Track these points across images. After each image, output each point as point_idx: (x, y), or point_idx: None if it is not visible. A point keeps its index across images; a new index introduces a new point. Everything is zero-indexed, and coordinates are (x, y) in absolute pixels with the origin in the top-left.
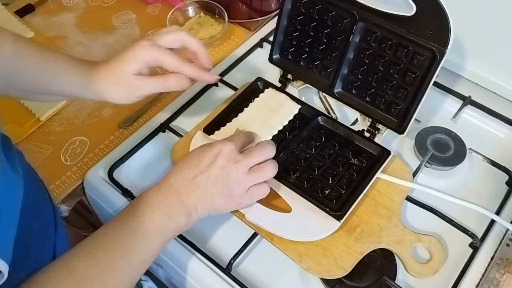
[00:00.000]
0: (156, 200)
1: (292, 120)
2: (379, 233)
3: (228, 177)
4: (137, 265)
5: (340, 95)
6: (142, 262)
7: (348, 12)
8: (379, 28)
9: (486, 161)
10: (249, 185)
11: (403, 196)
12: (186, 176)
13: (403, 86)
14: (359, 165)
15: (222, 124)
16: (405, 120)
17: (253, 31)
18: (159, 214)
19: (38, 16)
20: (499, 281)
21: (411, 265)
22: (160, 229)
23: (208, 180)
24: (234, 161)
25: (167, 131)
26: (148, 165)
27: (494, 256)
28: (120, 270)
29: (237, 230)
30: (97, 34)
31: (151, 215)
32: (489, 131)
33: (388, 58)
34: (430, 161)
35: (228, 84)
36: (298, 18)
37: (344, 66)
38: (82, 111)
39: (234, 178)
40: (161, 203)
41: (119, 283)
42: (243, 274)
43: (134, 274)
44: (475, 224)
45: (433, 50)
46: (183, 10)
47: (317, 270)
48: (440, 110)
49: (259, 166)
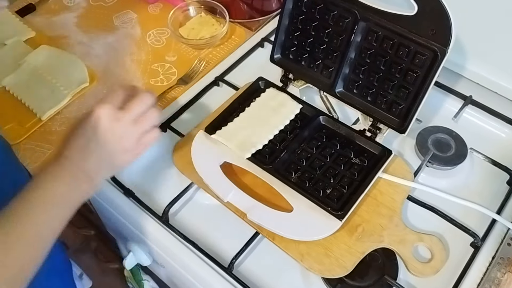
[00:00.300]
0: (57, 172)
1: (293, 120)
2: (381, 232)
3: (115, 136)
4: (46, 234)
5: (342, 95)
6: (51, 230)
7: (349, 11)
8: (380, 28)
9: (487, 160)
10: (137, 135)
11: (404, 195)
12: (76, 147)
13: (405, 85)
14: (361, 164)
15: (224, 124)
16: (406, 120)
17: (254, 30)
18: (63, 184)
19: (39, 16)
20: (500, 280)
21: (412, 264)
22: (64, 198)
23: (98, 144)
24: (116, 119)
25: (168, 131)
26: (150, 165)
27: (495, 256)
28: (28, 239)
29: (239, 230)
30: (98, 34)
31: (55, 186)
32: (490, 130)
33: (390, 57)
34: (431, 161)
35: (229, 83)
36: (299, 17)
37: (345, 66)
38: (84, 110)
39: (120, 134)
40: (62, 174)
41: (26, 251)
42: (244, 273)
43: (43, 244)
44: (476, 223)
45: (434, 50)
46: (184, 10)
47: (318, 270)
48: (441, 109)
49: (143, 115)
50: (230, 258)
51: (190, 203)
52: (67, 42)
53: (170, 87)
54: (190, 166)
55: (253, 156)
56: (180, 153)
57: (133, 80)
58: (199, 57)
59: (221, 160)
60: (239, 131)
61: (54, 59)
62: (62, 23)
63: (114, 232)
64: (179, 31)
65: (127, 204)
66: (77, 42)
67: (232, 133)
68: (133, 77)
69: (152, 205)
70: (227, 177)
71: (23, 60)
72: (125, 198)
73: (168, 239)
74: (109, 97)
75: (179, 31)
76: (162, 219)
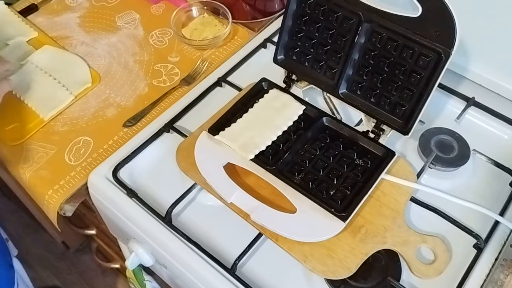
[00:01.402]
0: None
1: (296, 121)
2: (384, 233)
3: None
4: None
5: (345, 96)
6: None
7: (353, 13)
8: (384, 29)
9: (490, 162)
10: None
11: (407, 197)
12: None
13: (408, 87)
14: (364, 166)
15: (227, 125)
16: (410, 121)
17: (256, 31)
18: None
19: (42, 16)
20: (503, 282)
21: (415, 265)
22: None
23: None
24: None
25: (171, 131)
26: (153, 165)
27: (498, 257)
28: None
29: (242, 231)
30: (101, 34)
31: None
32: (493, 132)
33: (394, 59)
34: (434, 162)
35: (232, 84)
36: (303, 18)
37: (349, 67)
38: (86, 111)
39: None
40: None
41: None
42: (247, 274)
43: None
44: (479, 225)
45: (438, 51)
46: (187, 11)
47: (322, 271)
48: (444, 111)
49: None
50: (233, 259)
51: (193, 204)
52: (69, 42)
53: (173, 88)
54: (193, 167)
55: (256, 157)
56: (183, 153)
57: (135, 80)
58: (202, 58)
59: (224, 161)
60: (242, 132)
61: (56, 59)
62: (64, 23)
63: (116, 232)
64: (182, 31)
65: (130, 205)
66: (79, 42)
67: (235, 134)
68: (135, 78)
69: (155, 205)
70: (231, 178)
71: (25, 60)
72: (128, 198)
73: (171, 239)
74: None
75: (182, 31)
76: (165, 220)
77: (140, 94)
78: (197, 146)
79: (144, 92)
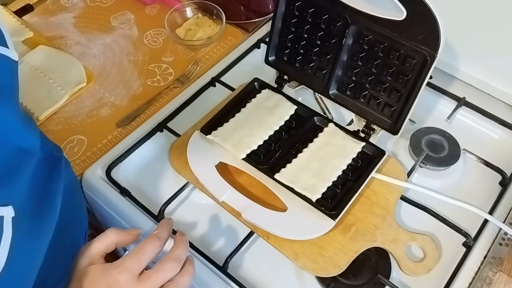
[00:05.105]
0: None
1: (288, 121)
2: (374, 232)
3: None
4: None
5: (335, 96)
6: None
7: (340, 15)
8: (371, 32)
9: (480, 161)
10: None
11: (397, 195)
12: None
13: (396, 88)
14: (354, 164)
15: (219, 124)
16: (398, 121)
17: (250, 32)
18: None
19: (37, 16)
20: (491, 279)
21: (405, 263)
22: None
23: None
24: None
25: (164, 131)
26: (146, 164)
27: (487, 255)
28: None
29: (233, 229)
30: (96, 34)
31: None
32: (483, 132)
33: (381, 60)
34: (424, 161)
35: (225, 84)
36: (292, 20)
37: (338, 68)
38: (81, 110)
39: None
40: None
41: None
42: (239, 272)
43: None
44: (468, 223)
45: (424, 54)
46: (181, 11)
47: (312, 268)
48: (434, 111)
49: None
50: (225, 257)
51: (185, 203)
52: (64, 42)
53: (167, 88)
54: (186, 166)
55: (248, 156)
56: (176, 153)
57: (130, 80)
58: (196, 58)
59: (216, 160)
60: (235, 132)
61: (51, 59)
62: (59, 23)
63: None
64: (176, 32)
65: (123, 203)
66: (74, 43)
67: (227, 134)
68: (130, 77)
69: (148, 204)
70: (222, 177)
71: (20, 60)
72: (121, 197)
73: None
74: (126, 261)
75: (176, 32)
76: (158, 218)
77: (134, 93)
78: (190, 146)
79: (138, 92)
